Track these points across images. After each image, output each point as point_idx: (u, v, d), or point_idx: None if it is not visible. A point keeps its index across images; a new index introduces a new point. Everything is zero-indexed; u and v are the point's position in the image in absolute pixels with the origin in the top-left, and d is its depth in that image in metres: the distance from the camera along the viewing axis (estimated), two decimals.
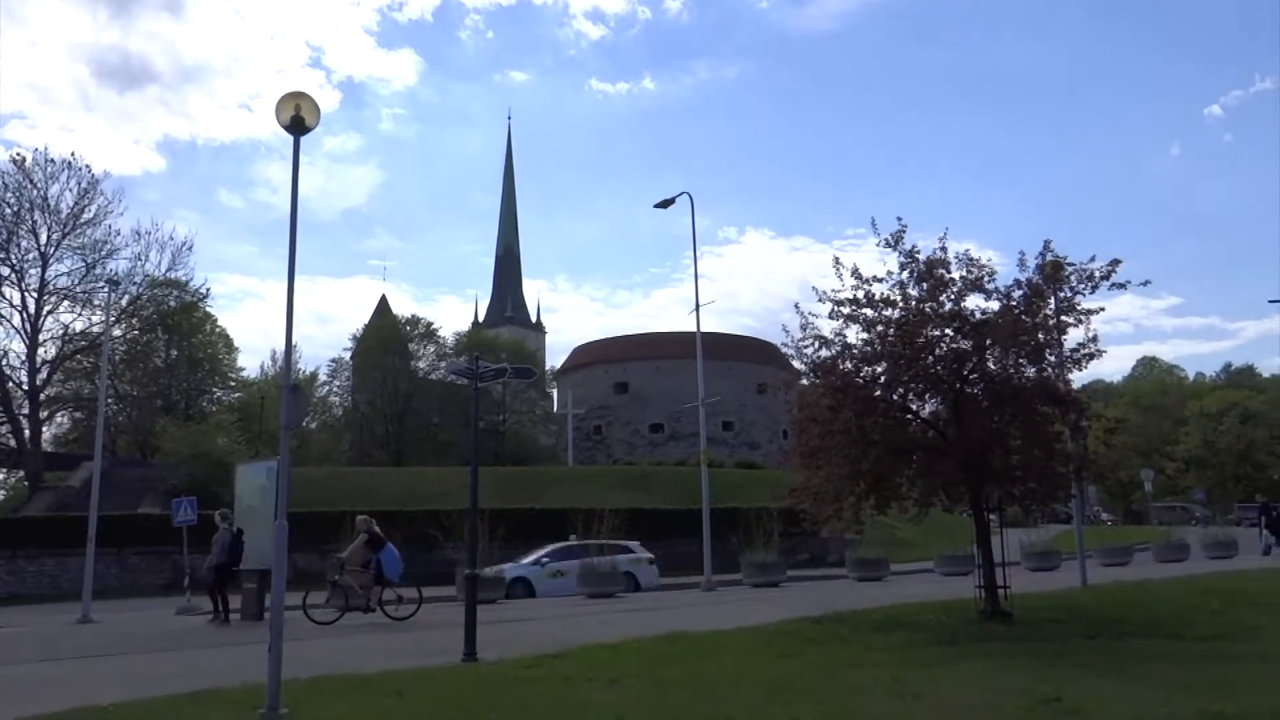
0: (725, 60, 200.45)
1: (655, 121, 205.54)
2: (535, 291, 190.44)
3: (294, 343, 10.19)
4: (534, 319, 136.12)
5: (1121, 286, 15.34)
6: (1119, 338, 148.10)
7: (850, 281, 15.80)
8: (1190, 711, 7.97)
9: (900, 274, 15.82)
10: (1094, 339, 15.60)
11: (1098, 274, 15.16)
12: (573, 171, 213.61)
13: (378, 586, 18.74)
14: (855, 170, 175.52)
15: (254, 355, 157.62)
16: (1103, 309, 15.48)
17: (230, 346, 68.41)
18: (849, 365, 15.71)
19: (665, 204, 28.47)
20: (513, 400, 75.87)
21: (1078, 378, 16.82)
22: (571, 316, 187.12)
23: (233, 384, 68.27)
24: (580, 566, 24.56)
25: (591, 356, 76.28)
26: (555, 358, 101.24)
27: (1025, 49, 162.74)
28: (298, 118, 9.46)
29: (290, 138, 9.59)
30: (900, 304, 15.63)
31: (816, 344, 16.07)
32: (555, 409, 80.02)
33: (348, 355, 78.75)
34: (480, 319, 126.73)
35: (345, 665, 11.32)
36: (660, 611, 18.56)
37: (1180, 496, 70.78)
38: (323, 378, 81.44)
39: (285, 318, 9.51)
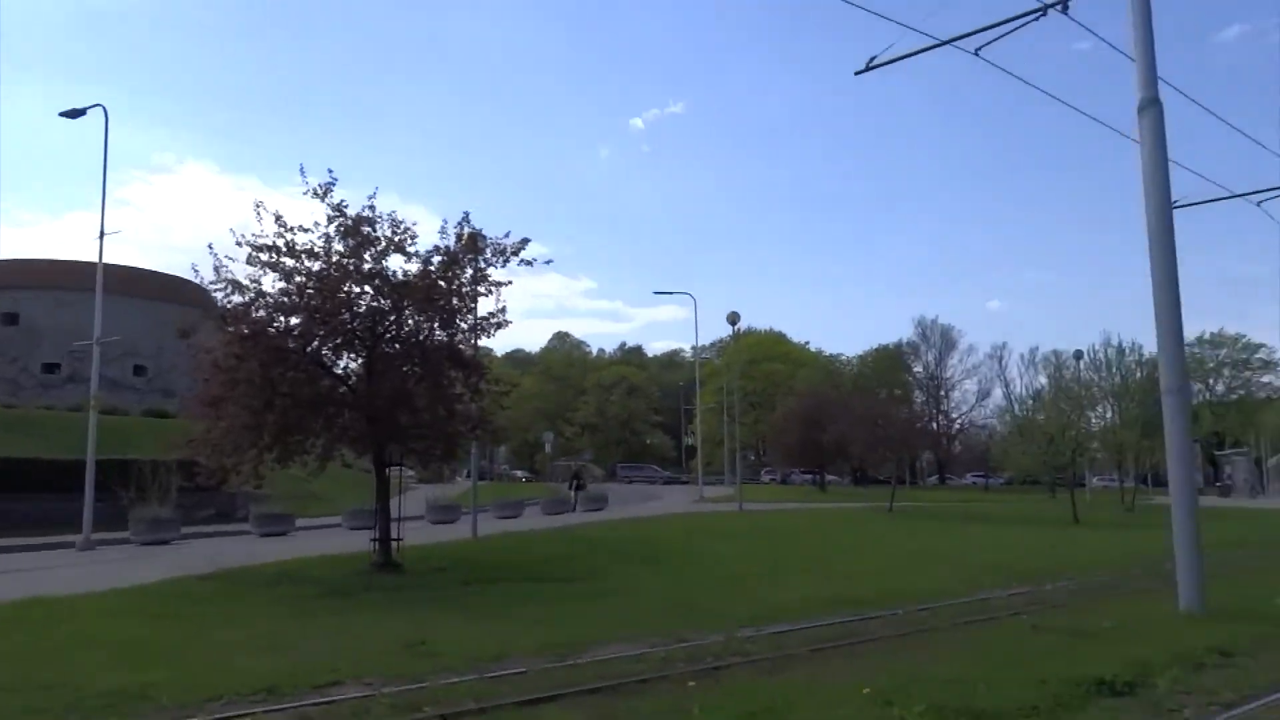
0: None
1: (85, 19, 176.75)
2: None
3: None
4: None
5: (529, 263, 16.81)
6: (543, 312, 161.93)
7: (273, 228, 15.33)
8: (532, 644, 9.08)
9: (327, 227, 15.71)
10: (503, 309, 16.91)
11: (509, 249, 16.44)
12: None
13: None
14: (313, 117, 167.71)
15: None
16: (510, 282, 16.84)
17: None
18: (262, 314, 15.21)
19: (74, 114, 24.78)
20: None
21: (501, 346, 18.26)
22: None
23: None
24: None
25: None
26: None
27: (491, 33, 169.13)
28: None
29: None
30: (323, 257, 15.52)
31: (230, 288, 15.31)
32: None
33: None
34: None
35: None
36: (23, 575, 16.26)
37: (574, 456, 79.79)
38: None
39: None
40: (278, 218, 15.26)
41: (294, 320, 15.30)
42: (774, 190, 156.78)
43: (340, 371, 16.30)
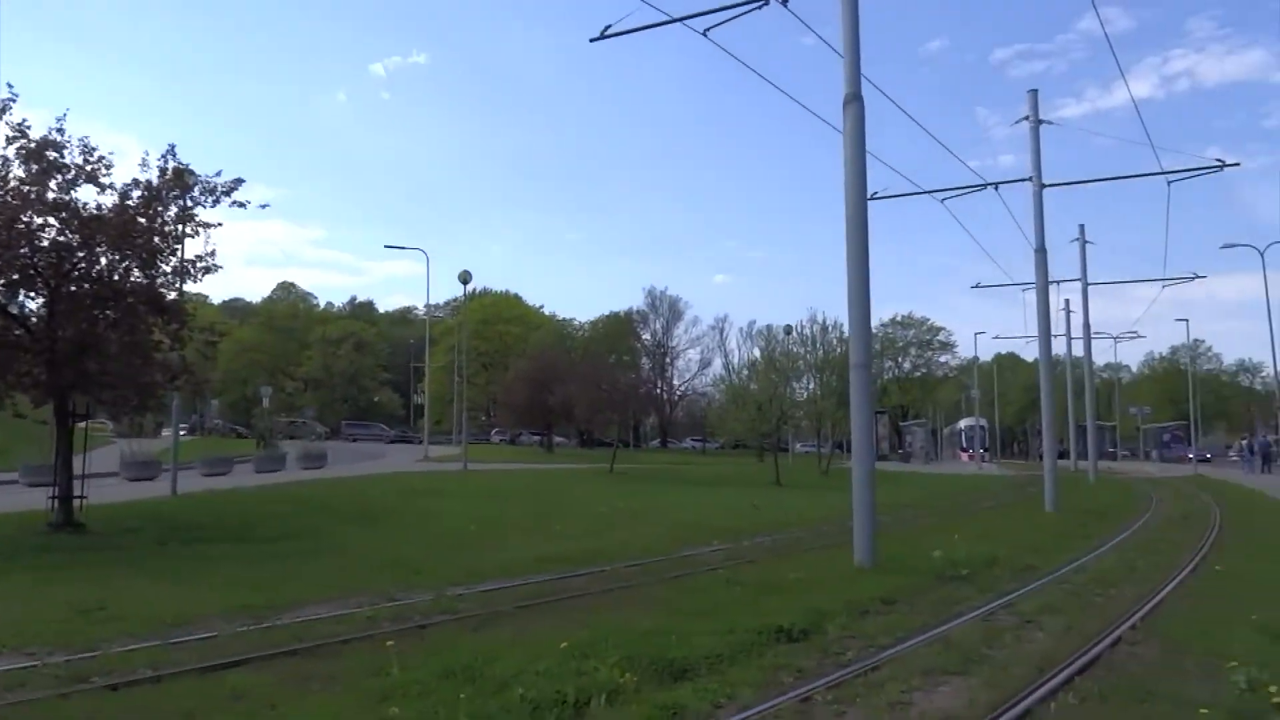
0: None
1: None
2: None
3: None
4: None
5: (242, 205, 15.81)
6: (269, 260, 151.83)
7: None
8: (228, 606, 8.63)
9: (5, 149, 14.06)
10: (213, 253, 15.87)
11: (220, 189, 15.39)
12: None
13: None
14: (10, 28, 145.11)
15: None
16: (220, 224, 15.86)
17: None
18: None
19: None
20: None
21: (220, 293, 17.04)
22: None
23: None
24: None
25: None
26: None
27: None
28: None
29: None
30: None
31: None
32: None
33: None
34: None
35: None
36: None
37: (297, 413, 76.17)
38: None
39: None
40: None
41: None
42: (513, 151, 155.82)
43: (16, 311, 14.61)
